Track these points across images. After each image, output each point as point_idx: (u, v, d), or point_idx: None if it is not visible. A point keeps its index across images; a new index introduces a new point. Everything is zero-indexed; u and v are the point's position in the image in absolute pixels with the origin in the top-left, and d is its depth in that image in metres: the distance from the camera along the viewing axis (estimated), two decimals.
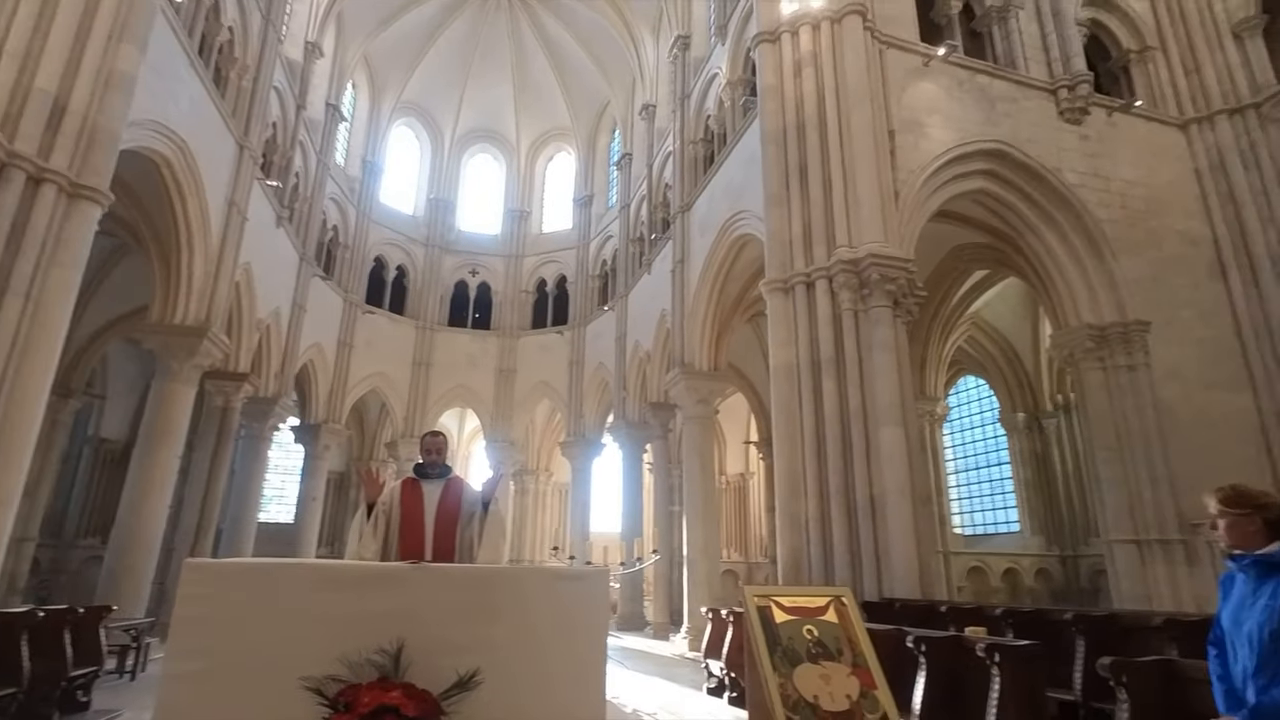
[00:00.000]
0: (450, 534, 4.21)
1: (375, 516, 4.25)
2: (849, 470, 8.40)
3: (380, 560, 4.08)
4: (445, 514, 4.24)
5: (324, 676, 2.92)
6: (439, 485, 4.35)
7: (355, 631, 3.06)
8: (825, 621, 2.22)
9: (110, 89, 8.12)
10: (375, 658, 3.01)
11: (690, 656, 11.30)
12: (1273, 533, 2.43)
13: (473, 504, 4.34)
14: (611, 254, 20.94)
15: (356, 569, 3.52)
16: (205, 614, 3.06)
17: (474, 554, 4.21)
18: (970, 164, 10.68)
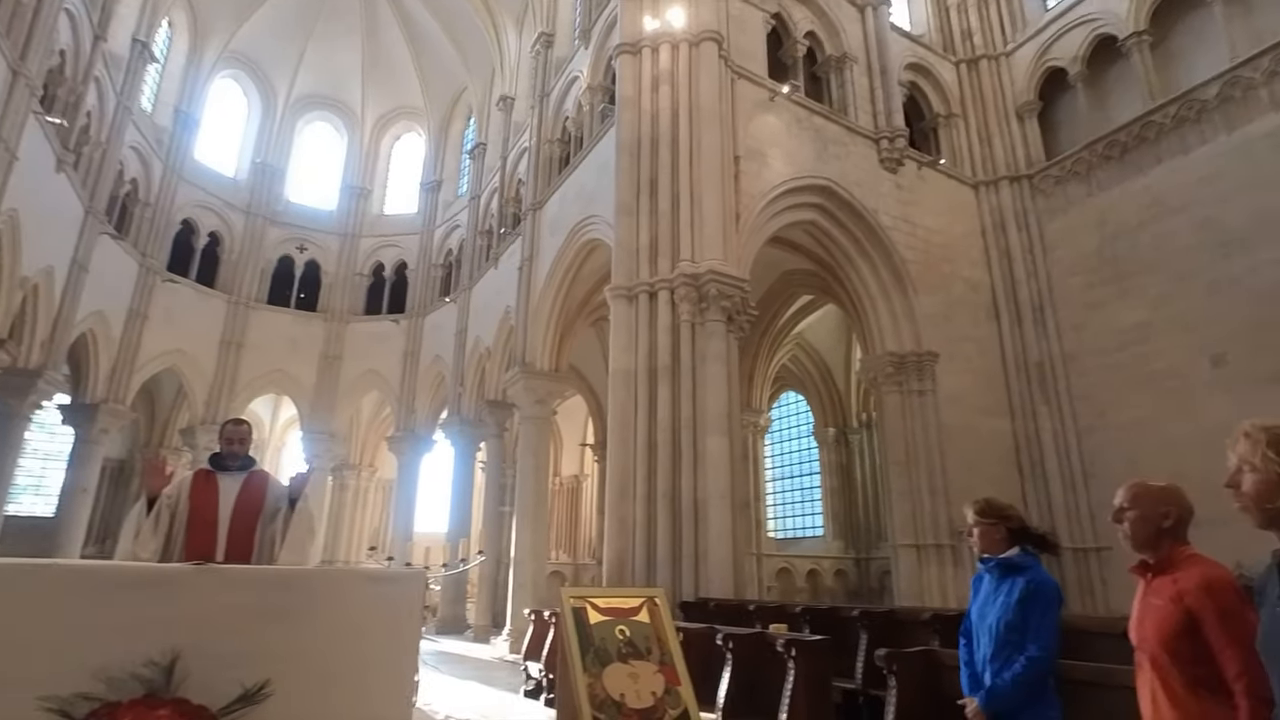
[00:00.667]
0: (248, 532, 3.83)
1: (158, 511, 3.75)
2: (677, 475, 8.74)
3: (160, 561, 3.61)
4: (244, 510, 3.84)
5: (73, 695, 2.53)
6: (238, 479, 3.94)
7: (120, 642, 2.68)
8: (638, 622, 2.29)
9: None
10: (142, 671, 2.64)
11: (510, 659, 11.15)
12: (1014, 539, 2.87)
13: (278, 500, 3.97)
14: (458, 244, 20.23)
15: (125, 570, 3.09)
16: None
17: (275, 555, 3.85)
18: (803, 197, 11.59)
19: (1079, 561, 11.67)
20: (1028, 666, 2.64)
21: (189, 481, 3.90)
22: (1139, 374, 11.63)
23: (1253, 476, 1.58)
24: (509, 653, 11.62)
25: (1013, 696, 2.67)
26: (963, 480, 11.30)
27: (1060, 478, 12.22)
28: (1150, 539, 2.08)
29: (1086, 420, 12.33)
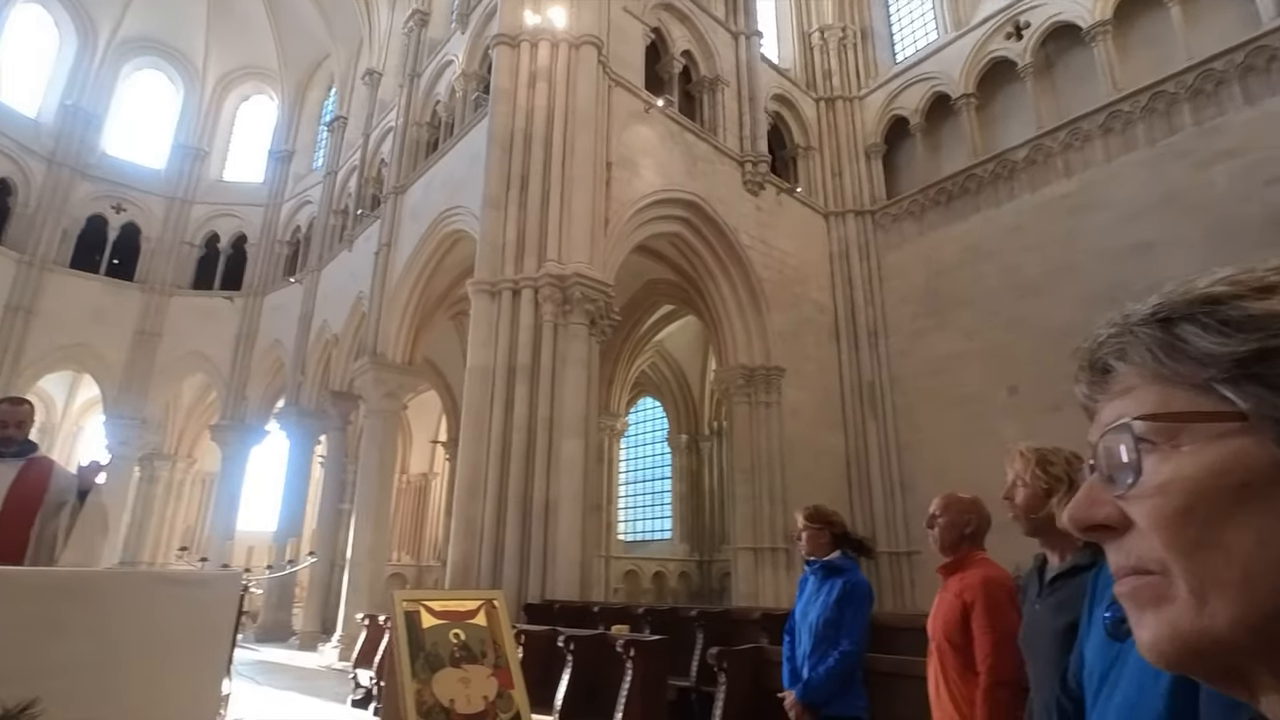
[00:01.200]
0: (21, 528, 3.32)
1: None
2: (530, 476, 8.65)
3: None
4: (17, 503, 3.33)
5: None
6: (13, 466, 3.41)
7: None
8: (474, 625, 2.24)
9: None
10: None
11: (339, 668, 10.47)
12: (836, 544, 3.12)
13: (63, 492, 3.48)
14: (308, 221, 18.79)
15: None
16: None
17: (56, 555, 3.37)
18: (671, 209, 11.94)
19: (893, 564, 12.88)
20: (840, 660, 2.89)
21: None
22: (950, 397, 13.06)
23: (1024, 490, 1.82)
24: (338, 661, 10.92)
25: (826, 688, 2.90)
26: (800, 489, 12.10)
27: (882, 488, 13.44)
28: (954, 543, 2.35)
29: (906, 436, 13.66)
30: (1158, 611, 0.40)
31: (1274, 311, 0.39)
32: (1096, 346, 0.46)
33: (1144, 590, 0.41)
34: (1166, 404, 0.42)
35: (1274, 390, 0.38)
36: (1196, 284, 0.43)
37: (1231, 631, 0.38)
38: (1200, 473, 0.39)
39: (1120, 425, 0.43)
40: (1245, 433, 0.39)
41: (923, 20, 15.92)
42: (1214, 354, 0.40)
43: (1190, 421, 0.40)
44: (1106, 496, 0.43)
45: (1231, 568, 0.38)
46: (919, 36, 15.92)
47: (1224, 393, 0.40)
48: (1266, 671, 0.39)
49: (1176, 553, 0.39)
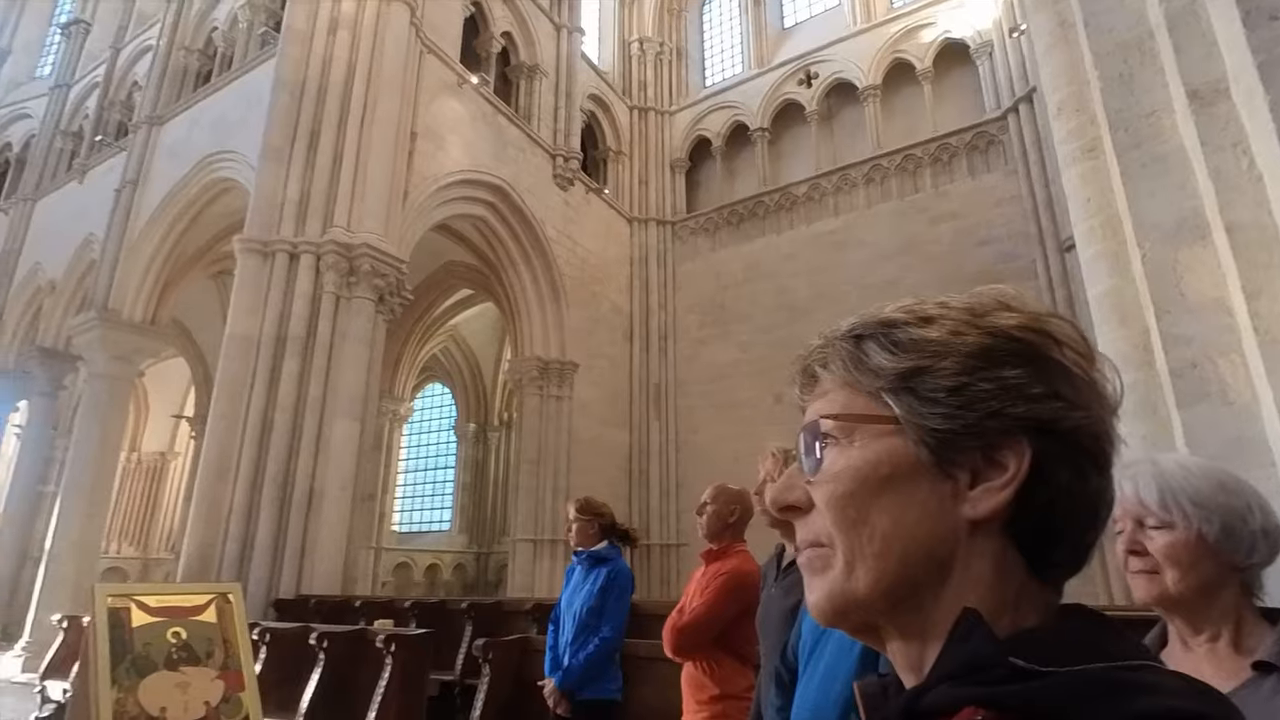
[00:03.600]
0: None
1: None
2: (293, 459, 7.87)
3: None
4: None
5: None
6: None
7: None
8: (200, 622, 1.98)
9: None
10: None
11: (22, 680, 8.71)
12: (604, 534, 3.24)
13: None
14: (23, 138, 15.39)
15: None
16: None
17: None
18: (476, 190, 11.59)
19: (664, 555, 13.69)
20: (599, 646, 3.00)
21: None
22: (725, 402, 14.21)
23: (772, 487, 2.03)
24: (21, 672, 9.08)
25: (584, 674, 3.00)
26: (584, 482, 12.37)
27: (659, 484, 14.22)
28: (718, 531, 2.55)
29: (684, 436, 14.60)
30: (823, 577, 0.48)
31: (928, 338, 0.48)
32: (808, 355, 0.54)
33: (816, 560, 0.49)
34: (848, 406, 0.50)
35: (921, 400, 0.47)
36: (884, 309, 0.52)
37: (867, 594, 0.47)
38: (861, 464, 0.48)
39: (812, 422, 0.50)
40: (898, 434, 0.48)
41: (731, 52, 17.13)
42: (884, 368, 0.49)
43: (861, 422, 0.49)
44: (800, 481, 0.51)
45: (873, 543, 0.46)
46: (727, 67, 17.12)
47: (887, 400, 0.48)
48: (890, 624, 0.48)
49: (838, 529, 0.48)
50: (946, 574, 0.46)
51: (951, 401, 0.46)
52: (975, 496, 0.46)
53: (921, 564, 0.46)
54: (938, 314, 0.50)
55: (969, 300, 0.51)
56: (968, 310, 0.50)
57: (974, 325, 0.48)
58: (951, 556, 0.46)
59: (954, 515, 0.46)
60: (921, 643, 0.47)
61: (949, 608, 0.45)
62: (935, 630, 0.46)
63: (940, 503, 0.46)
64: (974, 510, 0.46)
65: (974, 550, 0.46)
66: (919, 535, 0.46)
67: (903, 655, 0.48)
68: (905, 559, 0.46)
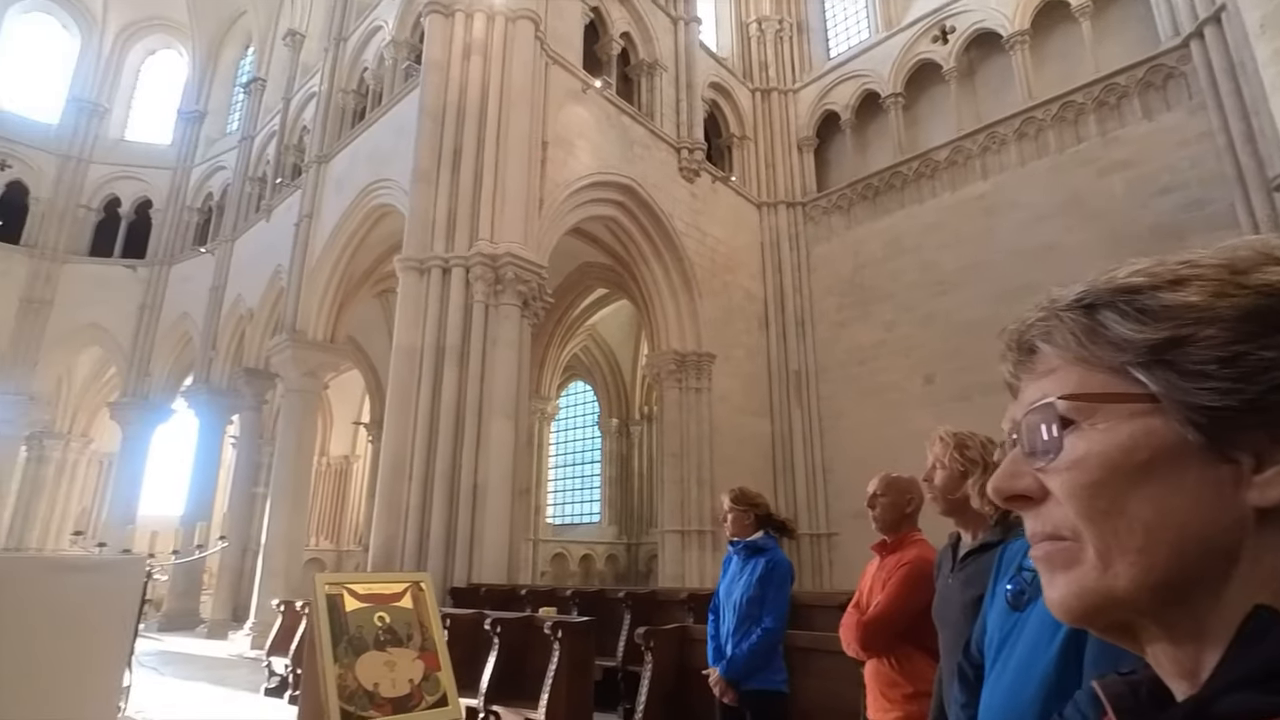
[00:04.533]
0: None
1: None
2: (458, 458, 8.50)
3: None
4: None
5: None
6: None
7: None
8: (399, 608, 2.19)
9: None
10: None
11: (252, 656, 10.08)
12: (759, 524, 3.21)
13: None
14: (221, 188, 17.72)
15: None
16: None
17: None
18: (606, 192, 11.87)
19: (814, 545, 13.36)
20: (762, 636, 2.98)
21: None
22: (870, 385, 13.60)
23: (942, 472, 1.92)
24: (250, 649, 10.51)
25: (748, 663, 2.99)
26: (727, 472, 12.36)
27: (805, 472, 13.89)
28: (894, 522, 2.45)
29: (828, 423, 14.14)
30: (1068, 573, 0.44)
31: (1185, 303, 0.43)
32: (1025, 328, 0.50)
33: (1057, 554, 0.45)
34: (1085, 385, 0.45)
35: (1182, 375, 0.42)
36: (1117, 274, 0.47)
37: (1130, 591, 0.42)
38: (1112, 449, 0.43)
39: (1044, 403, 0.46)
40: (1154, 414, 0.42)
41: (856, 18, 16.31)
42: (1130, 340, 0.43)
43: (1106, 402, 0.44)
44: (1027, 469, 0.47)
45: (1134, 535, 0.42)
46: (852, 34, 16.32)
47: (1137, 376, 0.43)
48: (1154, 624, 0.43)
49: (1087, 521, 0.43)
50: (1230, 568, 0.41)
51: (1226, 374, 0.40)
52: (1265, 481, 0.40)
53: (1200, 558, 0.41)
54: (1190, 274, 0.44)
55: (1221, 256, 0.44)
56: (1225, 267, 0.43)
57: (1240, 285, 0.42)
58: (1237, 549, 0.40)
59: (1237, 503, 0.40)
60: (1197, 645, 0.42)
61: (1234, 606, 0.40)
62: (1216, 631, 0.41)
63: (1217, 489, 0.41)
64: (1263, 497, 0.40)
65: (1265, 542, 0.40)
66: (1193, 526, 0.41)
67: (1170, 658, 0.43)
68: (1179, 552, 0.41)
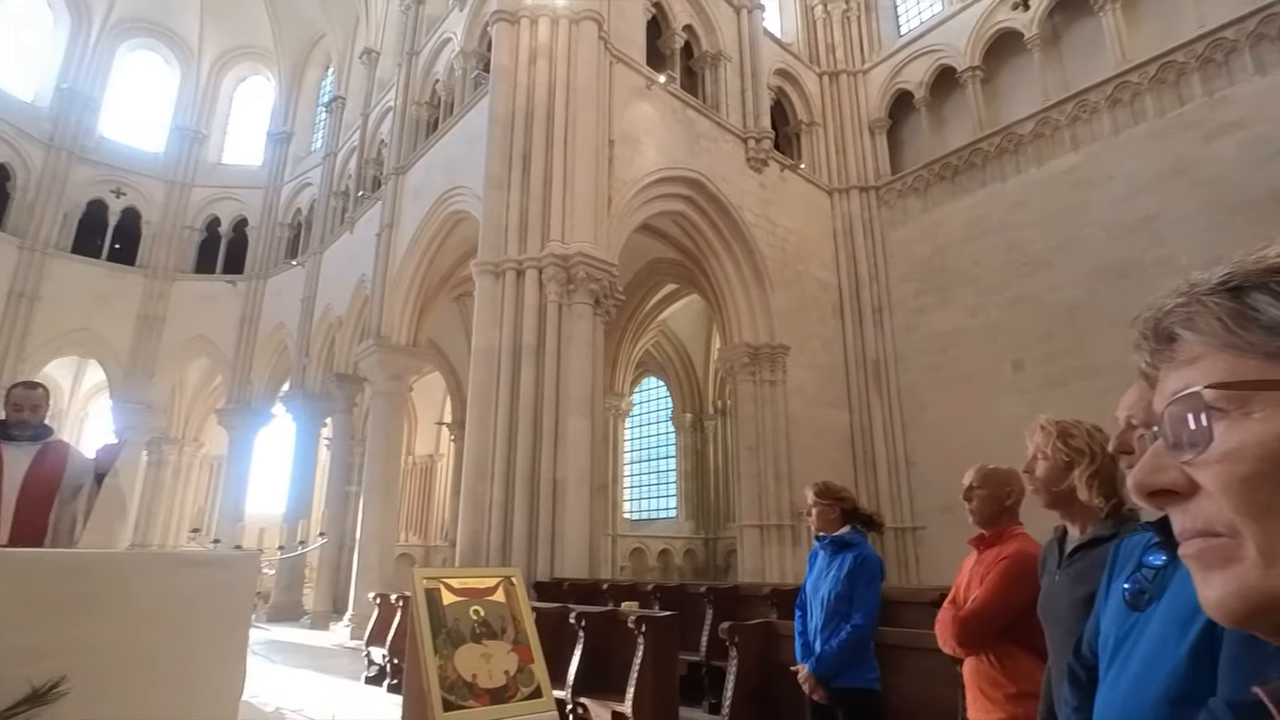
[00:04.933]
0: (41, 511, 3.35)
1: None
2: (537, 456, 8.70)
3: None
4: (35, 486, 3.36)
5: None
6: (29, 450, 3.43)
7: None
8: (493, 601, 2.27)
9: None
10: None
11: (352, 646, 10.63)
12: (845, 519, 3.14)
13: (80, 475, 3.51)
14: (309, 203, 18.71)
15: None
16: None
17: (75, 536, 3.41)
18: (673, 187, 11.85)
19: (899, 540, 12.97)
20: (852, 633, 2.92)
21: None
22: (954, 374, 13.06)
23: (1044, 463, 1.82)
24: (350, 639, 11.08)
25: (839, 661, 2.94)
26: (805, 466, 12.17)
27: (887, 465, 13.49)
28: (993, 515, 2.35)
29: (910, 414, 13.68)
30: (1225, 571, 0.41)
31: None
32: (1161, 315, 0.46)
33: (1212, 552, 0.42)
34: (1236, 372, 0.42)
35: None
36: (1267, 253, 0.43)
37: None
38: (1272, 439, 0.40)
39: (1190, 393, 0.43)
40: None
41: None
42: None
43: (1263, 389, 0.41)
44: (1172, 462, 0.44)
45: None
46: (923, 8, 15.67)
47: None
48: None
49: (1247, 516, 0.40)
50: None
51: None
52: None
53: None
54: None
55: None
56: None
57: None
58: None
59: None
60: None
61: None
62: None
63: None
64: None
65: None
66: None
67: None
68: None
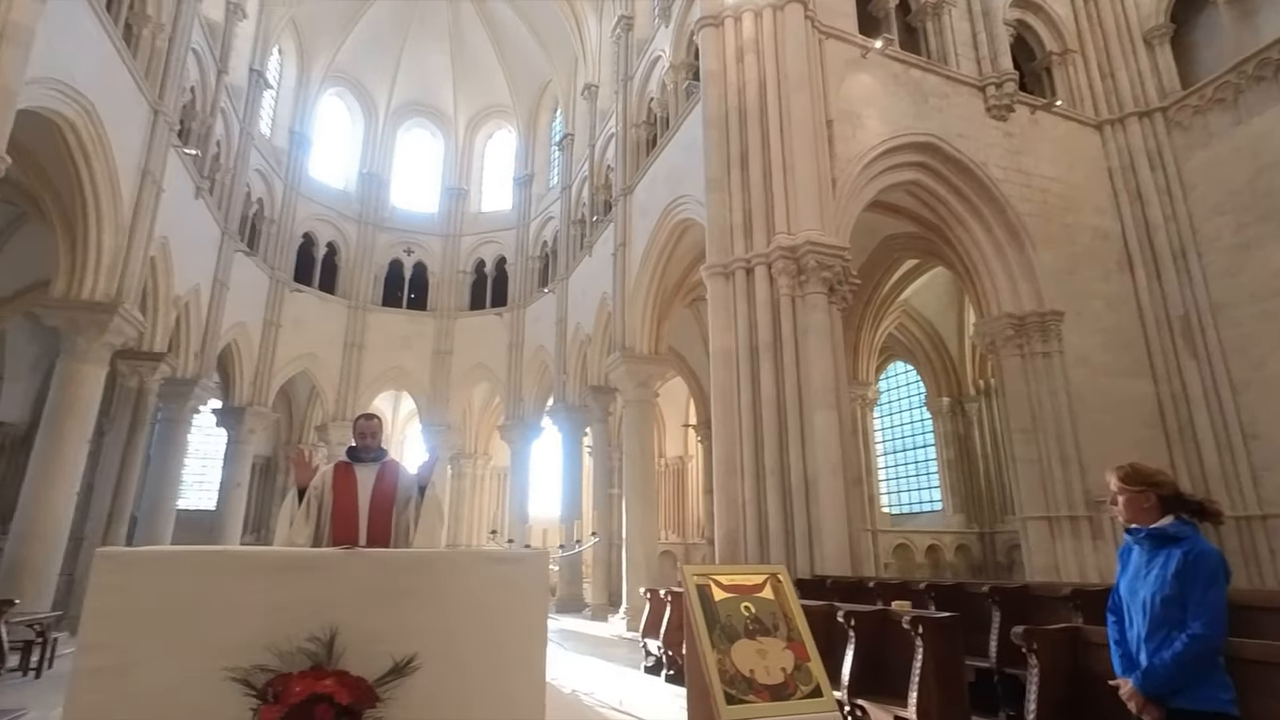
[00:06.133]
0: (386, 518, 4.12)
1: (307, 501, 4.11)
2: (784, 452, 8.62)
3: (313, 547, 3.96)
4: (380, 498, 4.14)
5: (251, 666, 2.82)
6: (373, 469, 4.24)
7: (285, 620, 2.96)
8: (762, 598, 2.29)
9: (6, 41, 7.46)
10: (307, 646, 2.92)
11: (628, 636, 11.43)
12: (1165, 508, 2.62)
13: (408, 488, 4.25)
14: (552, 235, 20.71)
15: (284, 555, 3.41)
16: (120, 605, 2.90)
17: (410, 539, 4.13)
18: (903, 156, 11.01)
19: (1240, 531, 10.58)
20: (1189, 644, 2.43)
21: (331, 474, 4.22)
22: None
23: None
24: (626, 630, 11.92)
25: (1174, 677, 2.46)
26: (1097, 447, 10.50)
27: (1214, 440, 11.08)
28: None
29: (1241, 375, 11.09)
30: None
31: None
32: None
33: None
34: None
35: None
36: None
37: None
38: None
39: None
40: None
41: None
42: None
43: None
44: None
45: None
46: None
47: None
48: None
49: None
50: None
51: None
52: None
53: None
54: None
55: None
56: None
57: None
58: None
59: None
60: None
61: None
62: None
63: None
64: None
65: None
66: None
67: None
68: None
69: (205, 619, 2.94)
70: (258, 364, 18.45)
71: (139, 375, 13.41)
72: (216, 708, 2.76)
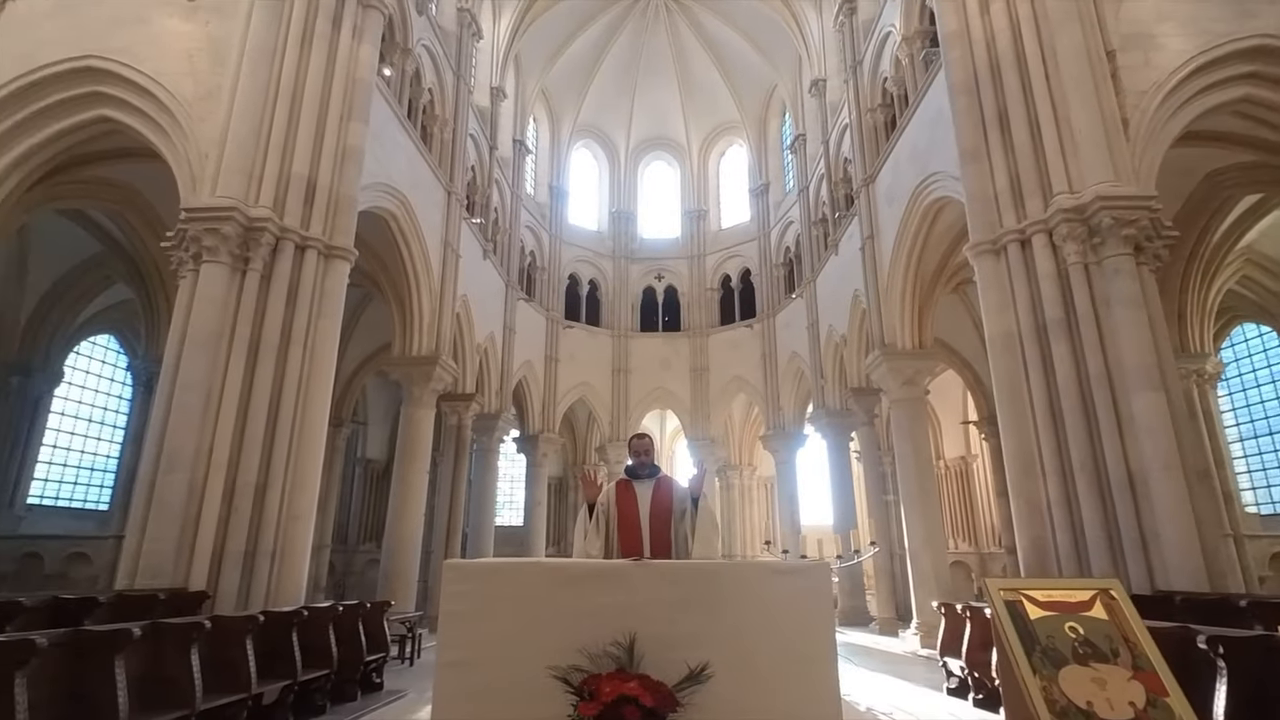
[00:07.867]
0: (665, 531, 4.36)
1: (597, 516, 4.52)
2: (1095, 444, 7.37)
3: (604, 558, 4.33)
4: (659, 512, 4.40)
5: (568, 666, 3.16)
6: (650, 484, 4.53)
7: (589, 624, 3.27)
8: (1091, 618, 1.96)
9: (346, 161, 9.50)
10: (611, 649, 3.19)
11: (923, 654, 10.61)
12: None
13: (682, 501, 4.46)
14: (794, 240, 20.41)
15: (588, 566, 3.77)
16: (466, 609, 3.45)
17: (689, 549, 4.32)
18: (1223, 70, 8.84)
19: None
20: None
21: (614, 490, 4.60)
22: None
23: None
24: (920, 647, 11.09)
25: None
26: None
27: None
28: None
29: None
30: None
31: None
32: None
33: None
34: None
35: None
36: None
37: None
38: None
39: None
40: None
41: None
42: None
43: None
44: None
45: None
46: None
47: None
48: None
49: None
50: None
51: None
52: None
53: None
54: None
55: None
56: None
57: None
58: None
59: None
60: None
61: None
62: None
63: None
64: None
65: None
66: None
67: None
68: None
69: (530, 621, 3.37)
70: (544, 396, 20.88)
71: (457, 414, 16.02)
72: (544, 703, 3.14)
